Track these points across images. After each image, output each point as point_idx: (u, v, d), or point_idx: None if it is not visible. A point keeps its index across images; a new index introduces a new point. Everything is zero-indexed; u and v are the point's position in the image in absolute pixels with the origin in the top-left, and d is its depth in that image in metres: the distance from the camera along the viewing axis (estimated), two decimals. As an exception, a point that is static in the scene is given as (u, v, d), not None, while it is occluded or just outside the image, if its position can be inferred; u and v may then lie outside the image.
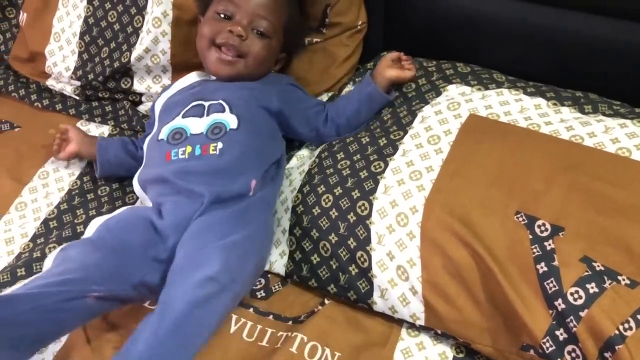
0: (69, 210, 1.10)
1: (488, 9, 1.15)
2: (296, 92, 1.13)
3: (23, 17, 1.33)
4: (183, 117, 1.02)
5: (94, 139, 1.15)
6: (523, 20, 1.12)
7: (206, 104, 1.02)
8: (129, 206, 1.05)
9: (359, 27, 1.22)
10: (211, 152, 0.96)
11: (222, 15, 1.06)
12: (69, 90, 1.29)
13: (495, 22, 1.14)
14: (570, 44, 1.09)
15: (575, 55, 1.10)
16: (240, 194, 0.94)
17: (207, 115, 1.01)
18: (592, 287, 0.76)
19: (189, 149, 0.96)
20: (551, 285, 0.78)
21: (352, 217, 0.92)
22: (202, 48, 1.08)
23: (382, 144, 1.00)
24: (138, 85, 1.24)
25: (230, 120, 0.99)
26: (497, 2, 1.14)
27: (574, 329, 0.75)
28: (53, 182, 1.15)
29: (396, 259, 0.88)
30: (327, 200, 0.95)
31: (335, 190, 0.96)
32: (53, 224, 1.08)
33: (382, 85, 1.09)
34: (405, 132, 1.00)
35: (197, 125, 0.99)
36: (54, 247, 1.02)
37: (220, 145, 0.96)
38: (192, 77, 1.14)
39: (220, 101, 1.02)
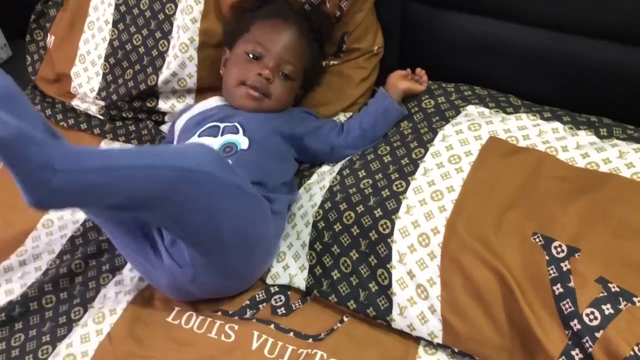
0: (94, 227, 1.11)
1: (503, 34, 1.17)
2: (308, 117, 1.18)
3: (51, 39, 1.36)
4: (199, 136, 1.06)
5: None
6: (537, 45, 1.14)
7: (222, 125, 1.06)
8: None
9: (375, 51, 1.24)
10: None
11: (251, 56, 1.10)
12: (93, 110, 1.31)
13: (510, 47, 1.17)
14: (584, 69, 1.11)
15: (589, 80, 1.12)
16: None
17: (222, 135, 1.04)
18: (607, 308, 0.77)
19: None
20: (567, 306, 0.79)
21: (373, 235, 0.94)
22: (230, 85, 1.12)
23: (403, 163, 1.01)
24: (163, 104, 1.27)
25: (242, 141, 1.03)
26: (512, 28, 1.16)
27: (590, 349, 0.76)
28: (79, 199, 1.17)
29: (416, 277, 0.89)
30: (349, 217, 0.97)
31: (357, 208, 0.97)
32: (79, 241, 1.10)
33: (395, 98, 1.12)
34: (427, 150, 1.01)
35: (210, 144, 1.02)
36: (80, 264, 1.05)
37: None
38: (213, 102, 1.18)
39: (236, 123, 1.06)
